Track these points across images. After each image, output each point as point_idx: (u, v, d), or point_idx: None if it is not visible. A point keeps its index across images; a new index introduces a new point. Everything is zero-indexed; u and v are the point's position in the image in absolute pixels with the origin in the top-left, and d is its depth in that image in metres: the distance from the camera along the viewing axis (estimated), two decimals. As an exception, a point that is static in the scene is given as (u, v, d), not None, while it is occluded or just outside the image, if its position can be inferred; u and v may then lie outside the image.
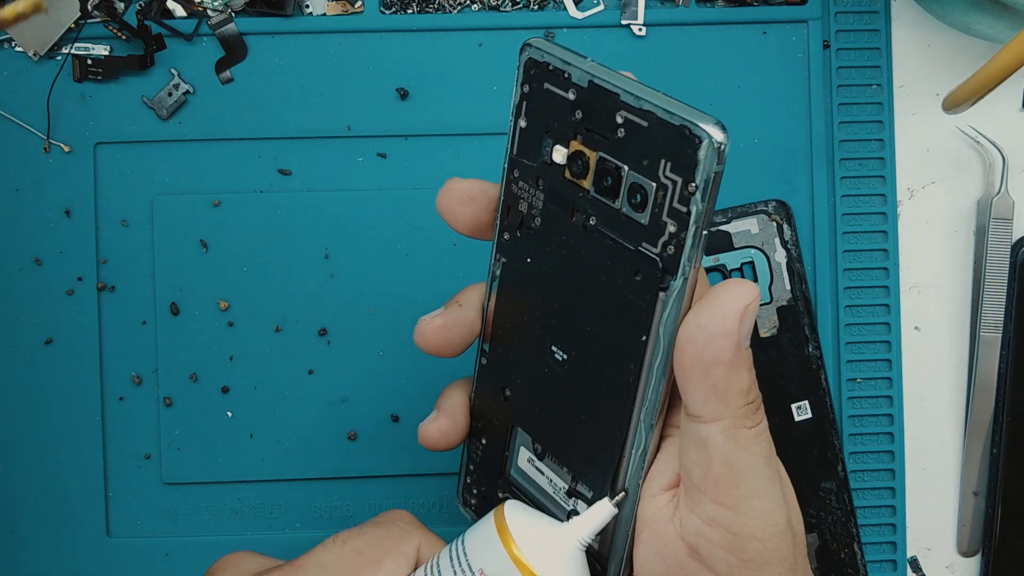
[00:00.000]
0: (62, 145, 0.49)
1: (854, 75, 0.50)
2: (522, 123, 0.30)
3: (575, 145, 0.29)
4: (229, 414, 0.50)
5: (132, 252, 0.49)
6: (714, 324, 0.26)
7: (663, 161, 0.27)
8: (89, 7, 0.48)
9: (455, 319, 0.33)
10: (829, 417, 0.49)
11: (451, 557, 0.32)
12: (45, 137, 0.49)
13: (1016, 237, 0.50)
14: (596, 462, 0.31)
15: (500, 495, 0.35)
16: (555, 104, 0.29)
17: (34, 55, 0.49)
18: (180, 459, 0.50)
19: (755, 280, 0.49)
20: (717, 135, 0.25)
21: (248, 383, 0.50)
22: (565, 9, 0.50)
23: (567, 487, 0.32)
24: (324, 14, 0.50)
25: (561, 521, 0.32)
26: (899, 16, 0.51)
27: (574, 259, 0.30)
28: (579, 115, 0.28)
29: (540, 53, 0.29)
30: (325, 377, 0.50)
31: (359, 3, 0.50)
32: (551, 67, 0.29)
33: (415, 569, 0.33)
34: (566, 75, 0.29)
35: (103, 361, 0.49)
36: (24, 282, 0.49)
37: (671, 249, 0.27)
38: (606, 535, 0.31)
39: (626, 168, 0.28)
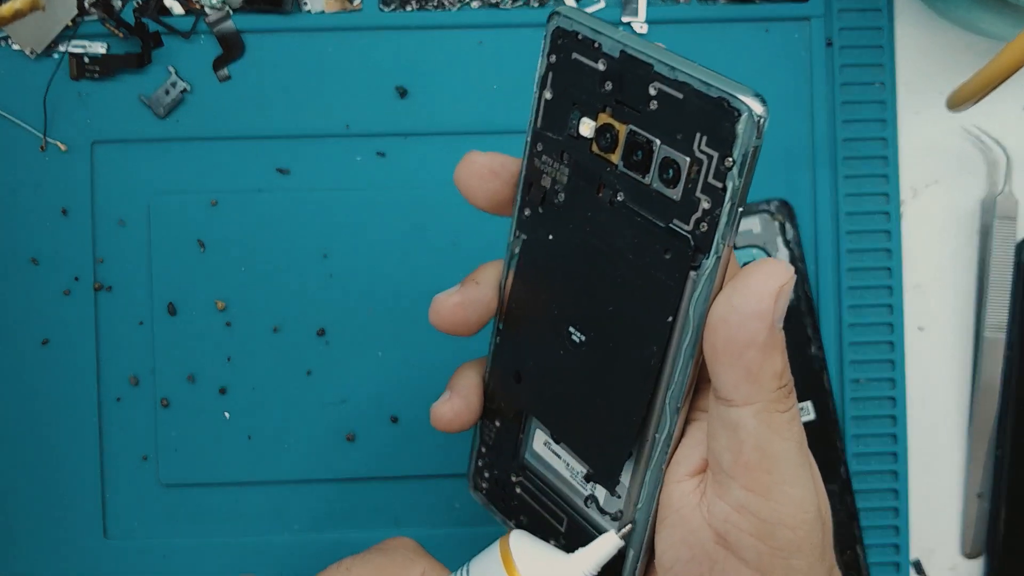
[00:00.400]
0: (59, 144, 0.49)
1: (857, 73, 0.50)
2: (547, 95, 0.29)
3: (604, 118, 0.28)
4: (227, 415, 0.49)
5: (129, 252, 0.49)
6: (748, 305, 0.25)
7: (698, 135, 0.26)
8: (86, 5, 0.48)
9: (472, 297, 0.32)
10: (832, 418, 0.49)
11: None
12: (42, 136, 0.49)
13: (1020, 236, 0.50)
14: (613, 448, 0.30)
15: (513, 479, 0.34)
16: (584, 75, 0.28)
17: (31, 53, 0.48)
18: (177, 460, 0.49)
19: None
20: (757, 108, 0.25)
21: (246, 384, 0.49)
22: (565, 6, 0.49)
23: (585, 471, 0.32)
24: (322, 11, 0.49)
25: (567, 551, 0.31)
26: (902, 14, 0.51)
27: (599, 236, 0.29)
28: (609, 86, 0.28)
29: (569, 22, 0.28)
30: (324, 378, 0.49)
31: (358, 0, 0.49)
32: (580, 36, 0.28)
33: None
34: (596, 45, 0.28)
35: (100, 362, 0.49)
36: (20, 282, 0.49)
37: (704, 226, 0.26)
38: (626, 516, 0.31)
39: (658, 142, 0.27)
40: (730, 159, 0.25)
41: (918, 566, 0.51)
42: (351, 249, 0.49)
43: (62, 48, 0.49)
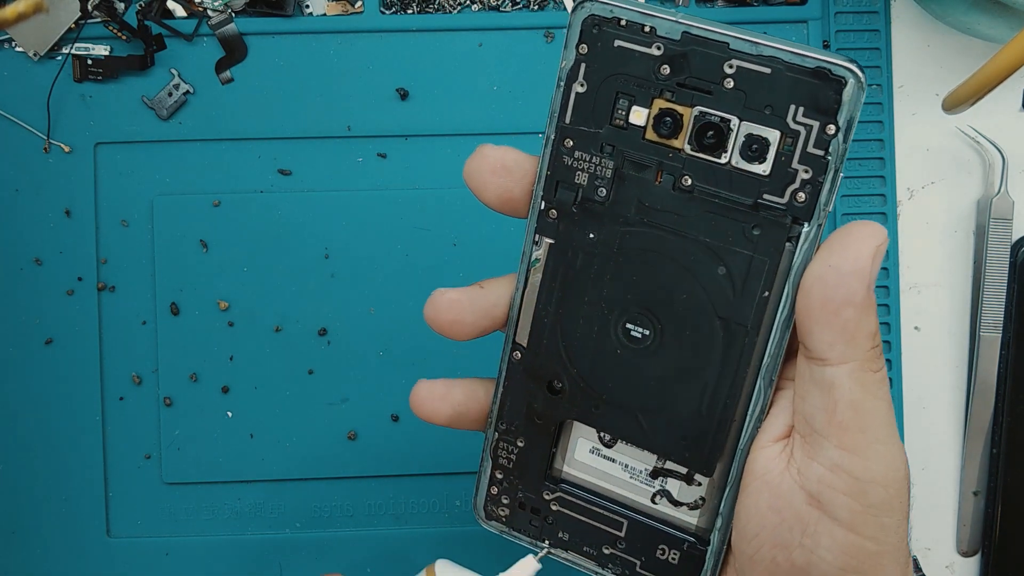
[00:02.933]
0: (62, 145, 0.49)
1: (854, 75, 0.50)
2: (579, 88, 0.28)
3: (660, 103, 0.27)
4: (229, 414, 0.50)
5: (132, 252, 0.49)
6: (847, 264, 0.26)
7: (793, 107, 0.26)
8: (89, 7, 0.48)
9: (473, 297, 0.31)
10: (829, 417, 0.49)
11: None
12: (45, 137, 0.49)
13: (1016, 237, 0.50)
14: (708, 434, 0.29)
15: (546, 496, 0.32)
16: (631, 61, 0.27)
17: (34, 55, 0.49)
18: (180, 459, 0.50)
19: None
20: (860, 73, 0.25)
21: (248, 383, 0.50)
22: (565, 9, 0.50)
23: (651, 468, 0.31)
24: (324, 14, 0.50)
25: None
26: (899, 16, 0.51)
27: (662, 224, 0.28)
28: (666, 70, 0.27)
29: (607, 8, 0.27)
30: (325, 377, 0.50)
31: (359, 3, 0.50)
32: (624, 22, 0.27)
33: None
34: (647, 28, 0.27)
35: (103, 361, 0.49)
36: (24, 282, 0.49)
37: (802, 196, 0.26)
38: (708, 507, 0.31)
39: (736, 120, 0.27)
40: (832, 126, 0.26)
41: (915, 564, 0.51)
42: (352, 249, 0.50)
43: (65, 50, 0.49)
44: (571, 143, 0.29)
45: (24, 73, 0.49)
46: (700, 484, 0.31)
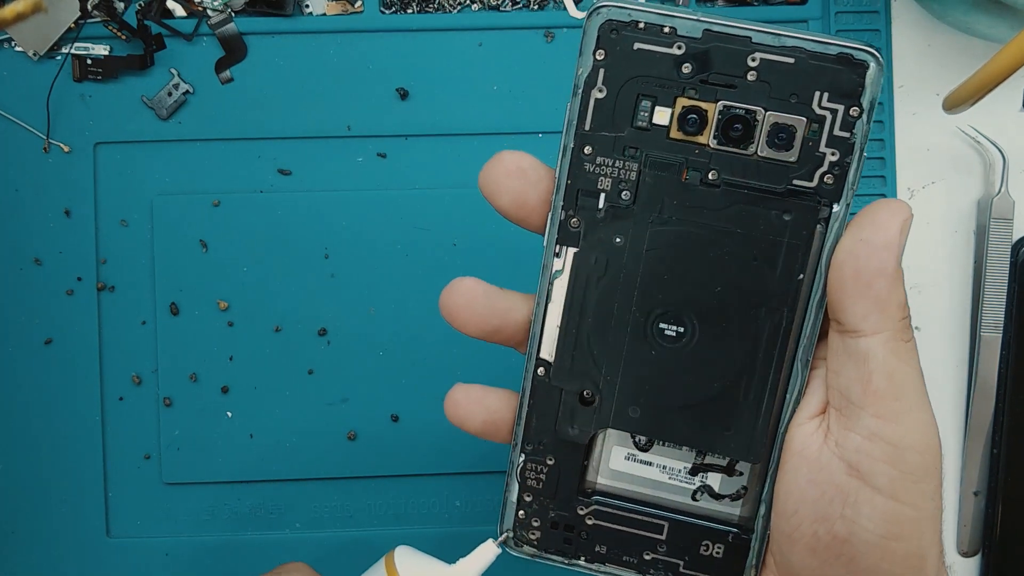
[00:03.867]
0: (62, 145, 0.49)
1: (854, 75, 0.50)
2: (598, 94, 0.28)
3: (684, 101, 0.28)
4: (229, 414, 0.50)
5: (132, 252, 0.49)
6: (877, 237, 0.27)
7: (818, 93, 0.27)
8: (89, 7, 0.48)
9: (490, 292, 0.31)
10: (829, 417, 0.49)
11: None
12: (45, 137, 0.49)
13: (1016, 237, 0.50)
14: (752, 422, 0.30)
15: (581, 511, 0.32)
16: (652, 63, 0.28)
17: (34, 55, 0.49)
18: (180, 459, 0.50)
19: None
20: (880, 56, 0.27)
21: (248, 383, 0.50)
22: (565, 9, 0.50)
23: (690, 466, 0.31)
24: (324, 14, 0.50)
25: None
26: (899, 16, 0.51)
27: (692, 220, 0.29)
28: (688, 68, 0.28)
29: (625, 12, 0.28)
30: (325, 377, 0.50)
31: (359, 3, 0.50)
32: (643, 24, 0.28)
33: None
34: (667, 29, 0.28)
35: (103, 361, 0.49)
36: (24, 282, 0.49)
37: (829, 179, 0.28)
38: (750, 495, 0.31)
39: (762, 110, 0.28)
40: (856, 108, 0.27)
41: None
42: (352, 249, 0.50)
43: (65, 50, 0.49)
44: (591, 149, 0.29)
45: (24, 73, 0.49)
46: (742, 474, 0.31)
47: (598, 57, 0.28)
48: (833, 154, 0.28)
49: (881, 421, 0.27)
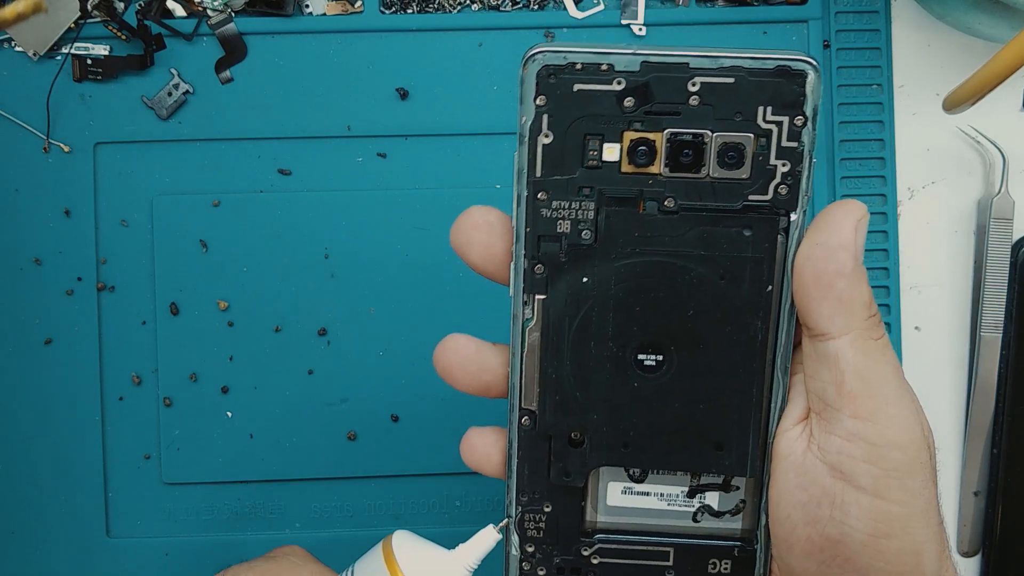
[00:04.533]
0: (62, 145, 0.49)
1: (854, 75, 0.50)
2: (545, 139, 0.29)
3: (631, 135, 0.28)
4: (229, 414, 0.50)
5: (132, 252, 0.49)
6: (833, 238, 0.27)
7: (761, 108, 0.27)
8: (89, 7, 0.48)
9: (481, 348, 0.31)
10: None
11: None
12: (45, 137, 0.49)
13: (1016, 237, 0.50)
14: (742, 436, 0.30)
15: (585, 552, 0.32)
16: (594, 102, 0.28)
17: (34, 55, 0.49)
18: (180, 459, 0.50)
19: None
20: (814, 63, 0.27)
21: (248, 383, 0.50)
22: (565, 9, 0.50)
23: (687, 489, 0.32)
24: (324, 14, 0.50)
25: (449, 549, 0.32)
26: (899, 16, 0.51)
27: (655, 251, 0.29)
28: (631, 102, 0.28)
29: (560, 56, 0.28)
30: (325, 377, 0.50)
31: (359, 3, 0.50)
32: (580, 65, 0.28)
33: None
34: (604, 67, 0.28)
35: (103, 361, 0.49)
36: (24, 282, 0.49)
37: (784, 189, 0.28)
38: (749, 507, 0.31)
39: (709, 132, 0.28)
40: (800, 117, 0.27)
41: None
42: (352, 249, 0.50)
43: (65, 50, 0.49)
44: (545, 195, 0.29)
45: (24, 73, 0.49)
46: (738, 488, 0.31)
47: (539, 103, 0.28)
48: (784, 165, 0.28)
49: (858, 421, 0.28)
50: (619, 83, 0.28)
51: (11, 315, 0.49)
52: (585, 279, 0.29)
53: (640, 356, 0.30)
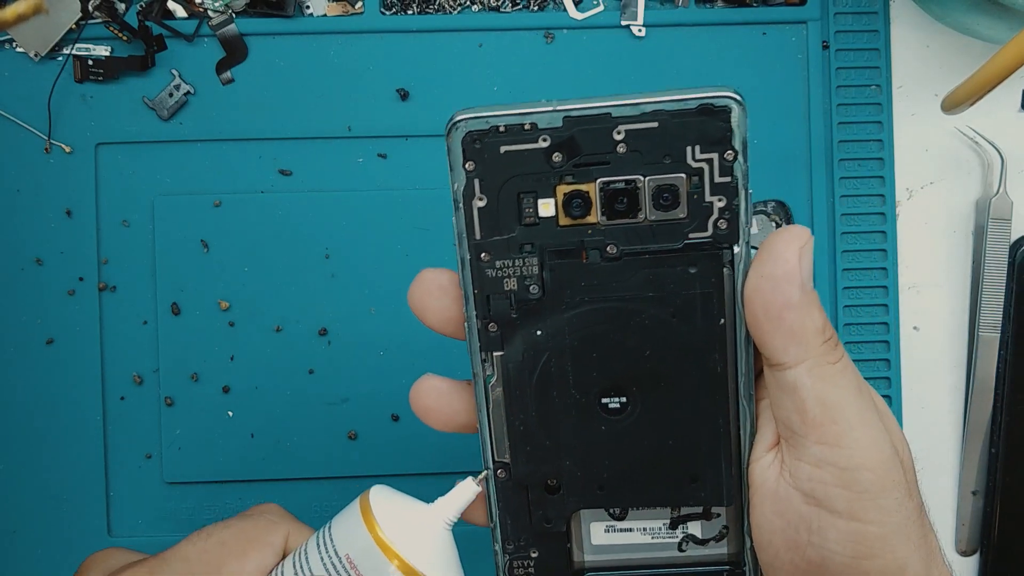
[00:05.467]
0: (63, 145, 0.49)
1: (853, 76, 0.50)
2: (479, 203, 0.29)
3: (563, 188, 0.28)
4: (230, 414, 0.50)
5: (133, 252, 0.50)
6: (777, 269, 0.27)
7: (689, 148, 0.27)
8: (90, 8, 0.48)
9: (455, 389, 0.32)
10: (828, 417, 0.49)
11: (318, 544, 0.32)
12: (46, 138, 0.49)
13: (1014, 237, 0.51)
14: (715, 466, 0.30)
15: None
16: (522, 161, 0.28)
17: (35, 56, 0.49)
18: (181, 459, 0.50)
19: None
20: (737, 96, 0.27)
21: (249, 383, 0.50)
22: (565, 10, 0.50)
23: (668, 521, 0.32)
24: (324, 15, 0.50)
25: (427, 503, 0.32)
26: (898, 17, 0.51)
27: (603, 298, 0.29)
28: (559, 157, 0.28)
29: (483, 121, 0.28)
30: (325, 377, 0.50)
31: (359, 4, 0.50)
32: (503, 127, 0.28)
33: (283, 558, 0.33)
34: (527, 126, 0.28)
35: (104, 361, 0.49)
36: (25, 282, 0.49)
37: (724, 224, 0.28)
38: (733, 532, 0.31)
39: (641, 177, 0.28)
40: (730, 152, 0.27)
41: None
42: (352, 249, 0.50)
43: (66, 51, 0.49)
44: (488, 256, 0.29)
45: (25, 74, 0.49)
46: (719, 515, 0.32)
47: (469, 169, 0.28)
48: (720, 200, 0.28)
49: (825, 447, 0.28)
50: (544, 140, 0.28)
51: (13, 315, 0.49)
52: (539, 332, 0.30)
53: (604, 400, 0.30)
